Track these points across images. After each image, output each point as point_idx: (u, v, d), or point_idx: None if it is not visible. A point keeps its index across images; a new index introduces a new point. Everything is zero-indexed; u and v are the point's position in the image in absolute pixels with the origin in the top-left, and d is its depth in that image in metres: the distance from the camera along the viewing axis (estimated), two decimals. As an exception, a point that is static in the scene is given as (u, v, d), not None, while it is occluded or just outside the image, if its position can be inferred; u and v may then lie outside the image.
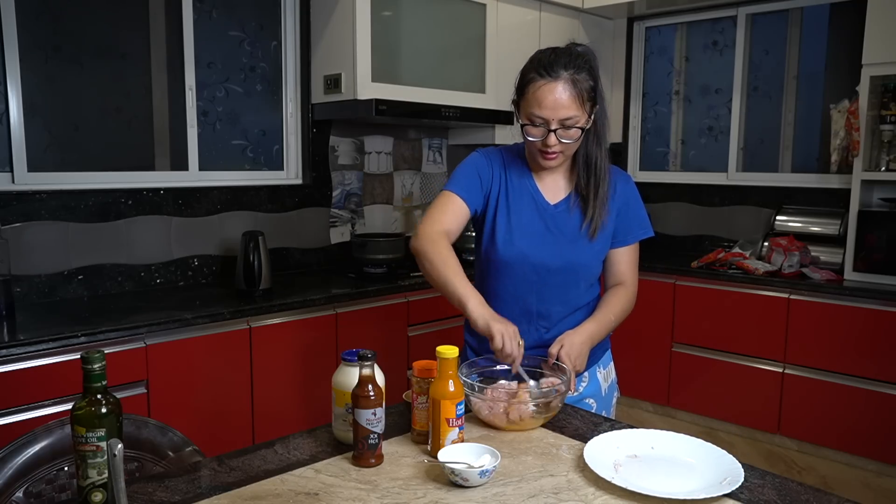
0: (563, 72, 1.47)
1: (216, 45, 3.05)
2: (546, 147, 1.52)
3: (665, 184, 4.32)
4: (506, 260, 1.62)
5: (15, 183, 2.52)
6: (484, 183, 1.65)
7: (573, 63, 1.48)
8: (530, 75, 1.51)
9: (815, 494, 1.14)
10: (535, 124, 1.51)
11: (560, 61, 1.48)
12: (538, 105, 1.49)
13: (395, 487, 1.15)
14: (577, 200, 1.63)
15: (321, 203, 3.36)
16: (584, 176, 1.61)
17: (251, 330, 2.51)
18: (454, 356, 1.26)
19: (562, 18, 3.87)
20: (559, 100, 1.47)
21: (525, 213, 1.63)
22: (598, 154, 1.59)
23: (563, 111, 1.48)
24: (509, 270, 1.63)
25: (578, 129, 1.51)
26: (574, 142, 1.53)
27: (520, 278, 1.63)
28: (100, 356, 1.03)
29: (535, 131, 1.52)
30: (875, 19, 3.14)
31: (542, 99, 1.48)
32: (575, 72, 1.48)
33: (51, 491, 1.29)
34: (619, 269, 1.69)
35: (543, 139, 1.52)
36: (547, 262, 1.61)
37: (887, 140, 3.25)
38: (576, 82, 1.48)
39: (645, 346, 3.77)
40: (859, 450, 3.16)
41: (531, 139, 1.54)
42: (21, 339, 2.01)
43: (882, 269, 3.17)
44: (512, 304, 1.65)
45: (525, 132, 1.54)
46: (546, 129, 1.50)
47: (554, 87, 1.47)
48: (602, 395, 1.74)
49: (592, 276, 1.68)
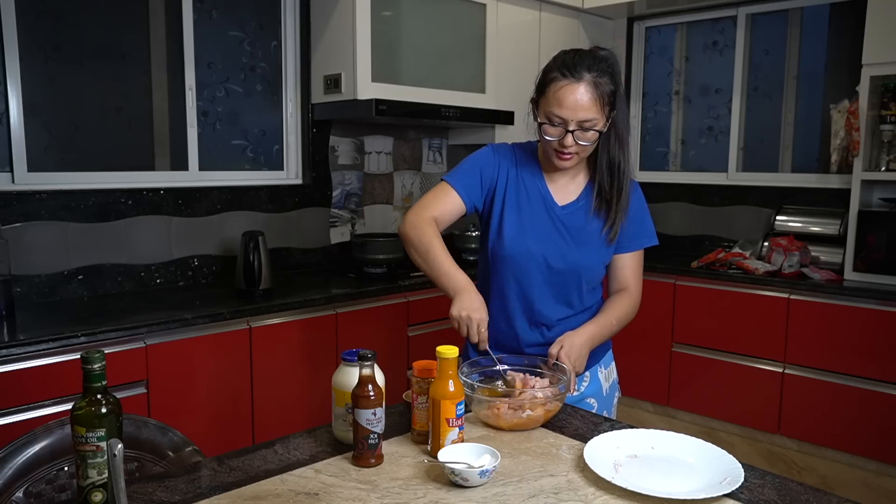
0: (587, 74, 1.48)
1: (216, 45, 3.05)
2: (562, 147, 1.52)
3: (665, 184, 4.32)
4: (512, 256, 1.62)
5: (15, 183, 2.52)
6: (486, 181, 1.65)
7: (596, 66, 1.49)
8: (552, 74, 1.51)
9: (815, 494, 1.14)
10: (554, 124, 1.51)
11: (584, 63, 1.48)
12: (558, 105, 1.49)
13: (395, 487, 1.15)
14: (589, 203, 1.62)
15: (321, 203, 3.36)
16: (608, 180, 1.60)
17: (251, 330, 2.51)
18: (454, 356, 1.26)
19: (562, 18, 3.87)
20: (580, 101, 1.47)
21: (534, 211, 1.63)
22: (622, 158, 1.59)
23: (583, 113, 1.48)
24: (514, 267, 1.63)
25: (596, 132, 1.51)
26: (590, 144, 1.53)
27: (524, 276, 1.63)
28: (100, 356, 1.03)
29: (552, 131, 1.52)
30: (875, 19, 3.14)
31: (563, 99, 1.48)
32: (598, 75, 1.48)
33: (51, 491, 1.29)
34: (623, 275, 1.69)
35: (560, 139, 1.52)
36: (551, 262, 1.61)
37: (887, 140, 3.25)
38: (598, 85, 1.48)
39: (645, 346, 3.77)
40: (859, 450, 3.16)
41: (548, 138, 1.54)
42: (21, 339, 2.01)
43: (882, 269, 3.17)
44: (515, 303, 1.65)
45: (542, 131, 1.54)
46: (564, 129, 1.50)
47: (576, 89, 1.47)
48: (603, 395, 1.74)
49: (594, 280, 1.68)
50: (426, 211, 1.61)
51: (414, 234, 1.59)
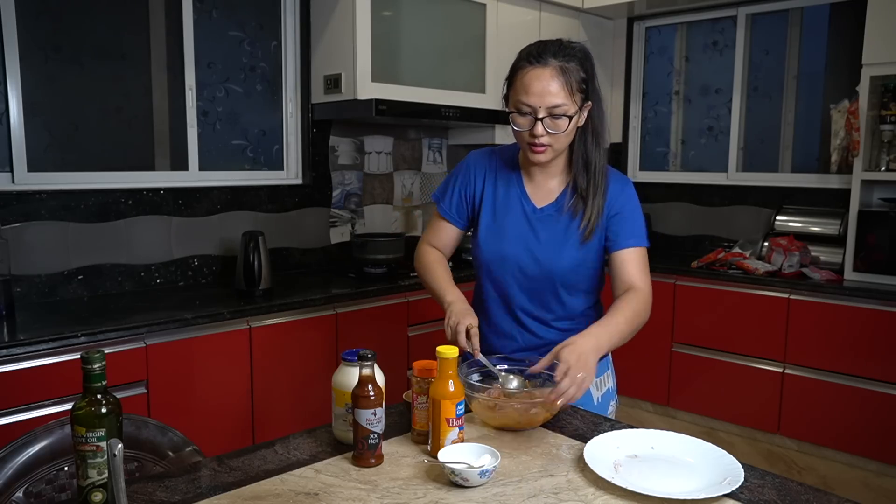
0: (552, 59, 1.46)
1: (216, 45, 3.04)
2: (533, 138, 1.49)
3: (665, 184, 4.32)
4: (488, 261, 1.63)
5: (15, 183, 2.52)
6: (467, 197, 1.67)
7: (562, 52, 1.47)
8: (519, 64, 1.50)
9: (815, 494, 1.14)
10: (522, 112, 1.48)
11: (549, 50, 1.47)
12: (525, 91, 1.47)
13: (395, 487, 1.15)
14: (569, 203, 1.58)
15: (321, 203, 3.36)
16: (584, 177, 1.57)
17: (251, 330, 2.51)
18: (454, 356, 1.26)
19: (562, 18, 3.87)
20: (546, 87, 1.45)
21: (511, 215, 1.62)
22: (597, 154, 1.56)
23: (551, 98, 1.45)
24: (493, 272, 1.64)
25: (567, 118, 1.47)
26: (563, 134, 1.49)
27: (503, 281, 1.63)
28: (100, 356, 1.03)
29: (521, 121, 1.50)
30: (875, 19, 3.14)
31: (530, 85, 1.46)
32: (565, 60, 1.46)
33: (51, 491, 1.29)
34: (626, 271, 1.57)
35: (531, 129, 1.48)
36: (524, 266, 1.60)
37: (887, 140, 3.25)
38: (565, 70, 1.46)
39: (645, 346, 3.76)
40: (859, 450, 3.16)
41: (518, 129, 1.51)
42: (21, 339, 2.01)
43: (882, 269, 3.17)
44: (497, 307, 1.67)
45: (512, 121, 1.51)
46: (533, 117, 1.47)
47: (541, 74, 1.45)
48: (594, 405, 1.68)
49: (575, 284, 1.62)
50: (427, 241, 1.75)
51: (418, 265, 1.74)
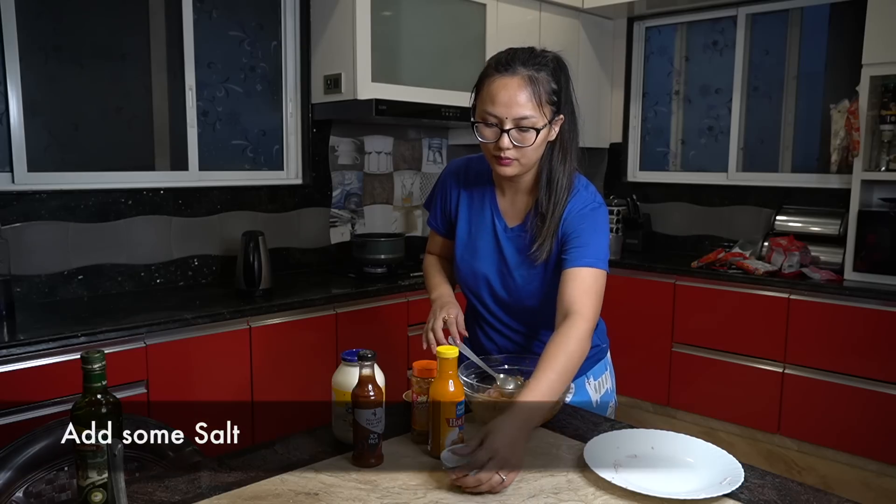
0: (521, 68, 1.37)
1: (216, 45, 3.04)
2: (499, 151, 1.40)
3: (665, 184, 4.31)
4: (464, 276, 1.62)
5: (15, 183, 2.51)
6: (447, 211, 1.66)
7: (532, 61, 1.39)
8: (486, 71, 1.41)
9: (815, 494, 1.13)
10: (488, 123, 1.39)
11: (519, 58, 1.39)
12: (491, 101, 1.38)
13: (395, 487, 1.15)
14: (534, 222, 1.49)
15: (321, 203, 3.36)
16: (546, 195, 1.47)
17: (251, 330, 2.51)
18: (454, 356, 1.26)
19: (562, 18, 3.87)
20: (514, 97, 1.36)
21: (483, 232, 1.57)
22: (562, 172, 1.46)
23: (518, 109, 1.36)
24: (469, 287, 1.63)
25: (535, 131, 1.38)
26: (530, 148, 1.39)
27: (480, 295, 1.62)
28: (100, 356, 1.03)
29: (487, 132, 1.40)
30: (875, 19, 3.14)
31: (496, 94, 1.37)
32: (535, 69, 1.38)
33: (51, 491, 1.29)
34: (567, 292, 1.40)
35: (496, 141, 1.39)
36: (496, 286, 1.57)
37: (887, 140, 3.25)
38: (534, 80, 1.37)
39: (645, 346, 3.77)
40: (859, 450, 3.16)
41: (483, 140, 1.41)
42: (21, 339, 2.01)
43: (882, 269, 3.17)
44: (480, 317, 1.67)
45: (477, 132, 1.42)
46: (500, 129, 1.38)
47: (508, 83, 1.37)
48: (593, 408, 1.64)
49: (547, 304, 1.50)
50: (428, 250, 1.78)
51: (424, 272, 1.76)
